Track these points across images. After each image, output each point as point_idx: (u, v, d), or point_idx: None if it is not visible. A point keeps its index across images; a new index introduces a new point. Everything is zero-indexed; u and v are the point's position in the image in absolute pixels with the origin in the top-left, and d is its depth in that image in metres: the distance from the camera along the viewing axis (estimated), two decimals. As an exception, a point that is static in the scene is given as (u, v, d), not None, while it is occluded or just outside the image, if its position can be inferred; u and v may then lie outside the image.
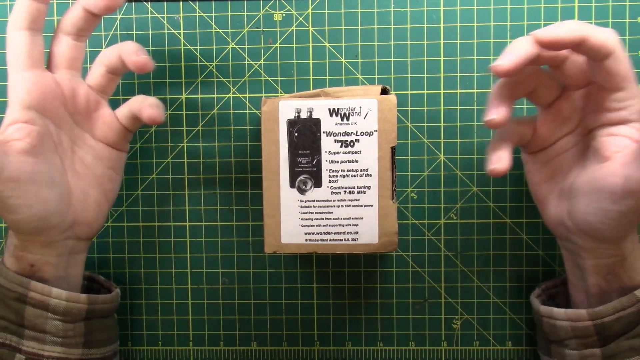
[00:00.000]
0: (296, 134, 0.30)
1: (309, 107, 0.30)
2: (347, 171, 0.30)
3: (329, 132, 0.30)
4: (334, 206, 0.31)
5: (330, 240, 0.31)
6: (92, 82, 0.32)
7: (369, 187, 0.30)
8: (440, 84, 0.36)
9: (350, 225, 0.31)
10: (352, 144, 0.30)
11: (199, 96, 0.37)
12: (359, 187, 0.30)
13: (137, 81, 0.37)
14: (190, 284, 0.38)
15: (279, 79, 0.37)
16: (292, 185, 0.31)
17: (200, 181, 0.38)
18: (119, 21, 0.37)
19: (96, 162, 0.32)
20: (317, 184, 0.31)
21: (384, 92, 0.30)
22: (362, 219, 0.31)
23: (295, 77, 0.37)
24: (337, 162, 0.30)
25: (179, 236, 0.38)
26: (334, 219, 0.31)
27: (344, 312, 0.38)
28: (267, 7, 0.37)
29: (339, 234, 0.31)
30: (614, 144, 0.27)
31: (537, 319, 0.33)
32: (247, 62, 0.37)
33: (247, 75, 0.37)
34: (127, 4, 0.37)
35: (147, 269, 0.38)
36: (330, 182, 0.31)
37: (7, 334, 0.30)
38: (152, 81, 0.37)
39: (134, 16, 0.37)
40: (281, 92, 0.37)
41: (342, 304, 0.38)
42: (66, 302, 0.30)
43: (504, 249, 0.37)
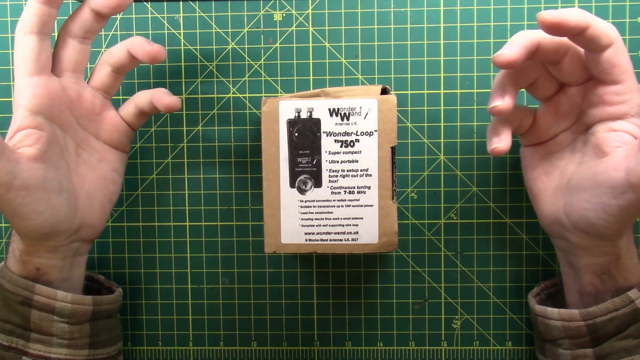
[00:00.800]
0: (296, 134, 0.30)
1: (309, 107, 0.30)
2: (347, 171, 0.30)
3: (329, 132, 0.30)
4: (334, 206, 0.31)
5: (330, 240, 0.31)
6: (97, 82, 0.32)
7: (369, 187, 0.30)
8: (440, 84, 0.36)
9: (350, 225, 0.31)
10: (352, 144, 0.30)
11: (199, 96, 0.37)
12: (359, 187, 0.30)
13: (137, 81, 0.37)
14: (190, 284, 0.38)
15: (279, 79, 0.37)
16: (292, 185, 0.31)
17: (200, 181, 0.38)
18: (119, 21, 0.37)
19: (100, 164, 0.32)
20: (317, 184, 0.31)
21: (384, 92, 0.30)
22: (362, 219, 0.31)
23: (295, 77, 0.37)
24: (337, 162, 0.30)
25: (179, 236, 0.38)
26: (334, 219, 0.31)
27: (344, 312, 0.38)
28: (267, 7, 0.37)
29: (339, 234, 0.31)
30: (614, 140, 0.27)
31: (533, 318, 0.33)
32: (247, 62, 0.37)
33: (247, 75, 0.37)
34: (127, 4, 0.37)
35: (147, 269, 0.38)
36: (330, 182, 0.31)
37: (13, 337, 0.30)
38: (152, 81, 0.37)
39: (134, 16, 0.37)
40: (281, 92, 0.37)
41: (342, 304, 0.38)
42: (72, 304, 0.30)
43: (504, 249, 0.37)
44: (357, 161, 0.30)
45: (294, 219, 0.31)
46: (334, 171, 0.30)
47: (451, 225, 0.37)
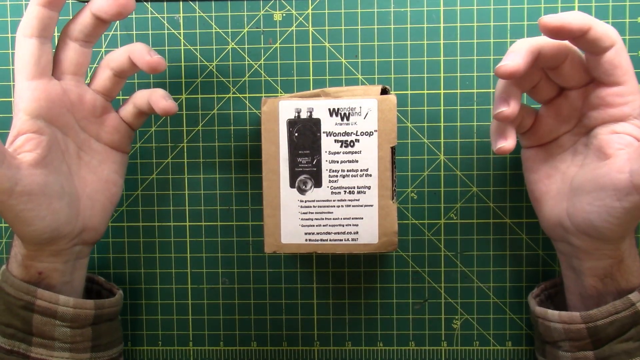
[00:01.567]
0: (296, 134, 0.30)
1: (309, 107, 0.30)
2: (347, 171, 0.30)
3: (329, 132, 0.30)
4: (334, 206, 0.31)
5: (330, 240, 0.31)
6: (98, 86, 0.32)
7: (369, 187, 0.30)
8: (440, 84, 0.36)
9: (350, 225, 0.31)
10: (352, 144, 0.30)
11: (199, 96, 0.37)
12: (359, 187, 0.30)
13: (137, 81, 0.37)
14: (190, 284, 0.38)
15: (279, 79, 0.37)
16: (292, 185, 0.31)
17: (200, 181, 0.38)
18: (119, 21, 0.37)
19: (101, 166, 0.32)
20: (317, 184, 0.31)
21: (384, 92, 0.30)
22: (362, 219, 0.31)
23: (295, 77, 0.37)
24: (337, 162, 0.30)
25: (179, 236, 0.38)
26: (334, 219, 0.31)
27: (344, 312, 0.38)
28: (267, 7, 0.37)
29: (339, 234, 0.31)
30: (617, 142, 0.27)
31: (533, 320, 0.33)
32: (247, 62, 0.37)
33: (247, 75, 0.37)
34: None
35: (147, 269, 0.38)
36: (330, 182, 0.31)
37: (15, 341, 0.30)
38: (152, 81, 0.37)
39: (134, 16, 0.37)
40: (281, 92, 0.37)
41: (342, 304, 0.38)
42: (73, 308, 0.30)
43: (504, 249, 0.37)
44: (357, 161, 0.30)
45: (294, 219, 0.31)
46: (334, 171, 0.30)
47: (451, 225, 0.37)
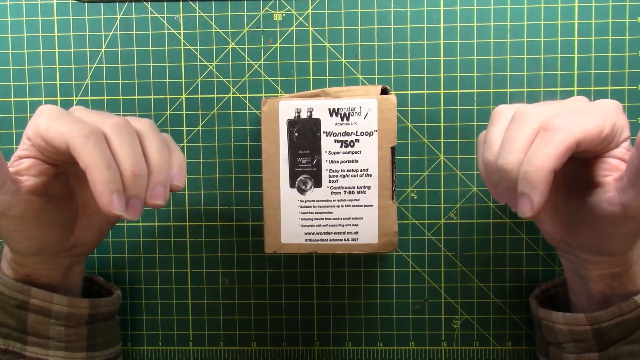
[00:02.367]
0: (296, 134, 0.30)
1: (309, 107, 0.30)
2: (347, 171, 0.30)
3: (329, 132, 0.30)
4: (334, 206, 0.31)
5: (330, 240, 0.31)
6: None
7: (369, 187, 0.30)
8: (440, 84, 0.36)
9: (350, 225, 0.31)
10: (352, 144, 0.30)
11: (199, 96, 0.37)
12: (359, 187, 0.30)
13: (137, 81, 0.37)
14: (190, 284, 0.38)
15: (279, 79, 0.37)
16: (292, 185, 0.31)
17: (200, 181, 0.38)
18: (119, 21, 0.37)
19: None
20: (317, 184, 0.31)
21: (384, 92, 0.30)
22: (362, 219, 0.31)
23: (295, 77, 0.37)
24: (337, 162, 0.30)
25: (179, 236, 0.38)
26: (334, 219, 0.31)
27: (344, 312, 0.38)
28: (267, 7, 0.37)
29: (339, 234, 0.31)
30: (604, 168, 0.26)
31: (536, 321, 0.33)
32: (247, 62, 0.37)
33: (247, 75, 0.37)
34: (127, 4, 0.37)
35: (147, 269, 0.38)
36: (330, 182, 0.31)
37: (10, 340, 0.30)
38: (152, 81, 0.37)
39: (134, 16, 0.37)
40: (281, 92, 0.37)
41: (342, 304, 0.38)
42: (68, 307, 0.30)
43: (504, 249, 0.37)
44: (357, 161, 0.30)
45: (294, 219, 0.31)
46: (334, 171, 0.30)
47: (451, 225, 0.37)
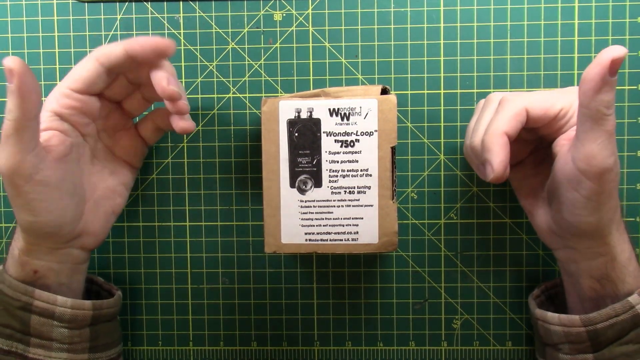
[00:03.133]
0: (296, 134, 0.30)
1: (309, 107, 0.30)
2: (347, 171, 0.30)
3: (329, 132, 0.30)
4: (334, 206, 0.31)
5: (330, 240, 0.31)
6: (126, 105, 0.33)
7: (369, 187, 0.30)
8: (440, 84, 0.36)
9: (350, 225, 0.31)
10: (352, 144, 0.30)
11: (199, 96, 0.37)
12: (359, 187, 0.30)
13: (137, 81, 0.37)
14: (190, 284, 0.38)
15: (279, 79, 0.37)
16: (292, 185, 0.31)
17: (200, 181, 0.38)
18: (119, 21, 0.37)
19: (112, 176, 0.33)
20: (317, 184, 0.31)
21: (384, 92, 0.30)
22: (362, 219, 0.31)
23: (295, 77, 0.37)
24: (337, 162, 0.30)
25: (179, 236, 0.38)
26: (334, 219, 0.31)
27: (344, 312, 0.38)
28: (267, 7, 0.37)
29: (339, 234, 0.31)
30: (563, 138, 0.29)
31: (533, 322, 0.33)
32: (247, 62, 0.37)
33: (247, 75, 0.37)
34: (127, 4, 0.37)
35: (147, 269, 0.38)
36: (330, 182, 0.31)
37: (13, 341, 0.30)
38: (152, 81, 0.37)
39: (134, 16, 0.37)
40: (281, 92, 0.37)
41: (342, 304, 0.38)
42: (71, 309, 0.30)
43: (504, 249, 0.37)
44: (357, 161, 0.30)
45: (294, 219, 0.31)
46: (334, 171, 0.30)
47: (451, 225, 0.37)
